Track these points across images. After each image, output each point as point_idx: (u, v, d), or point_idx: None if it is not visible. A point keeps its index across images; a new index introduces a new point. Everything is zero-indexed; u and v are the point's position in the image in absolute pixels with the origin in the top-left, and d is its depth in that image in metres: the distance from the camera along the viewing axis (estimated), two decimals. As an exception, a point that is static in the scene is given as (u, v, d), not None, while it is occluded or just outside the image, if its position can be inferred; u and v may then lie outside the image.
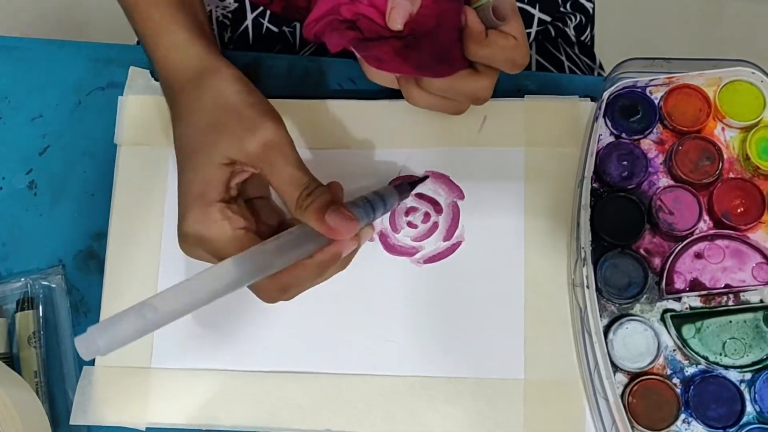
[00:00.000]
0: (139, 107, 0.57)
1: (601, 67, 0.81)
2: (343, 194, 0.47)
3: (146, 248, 0.55)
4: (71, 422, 0.52)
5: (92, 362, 0.53)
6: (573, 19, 0.77)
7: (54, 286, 0.55)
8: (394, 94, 0.55)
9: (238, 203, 0.46)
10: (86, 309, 0.55)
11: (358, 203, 0.46)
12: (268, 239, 0.43)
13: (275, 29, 0.69)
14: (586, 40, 0.80)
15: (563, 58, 0.74)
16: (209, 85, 0.48)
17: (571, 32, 0.76)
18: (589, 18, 0.80)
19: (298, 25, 0.69)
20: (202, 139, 0.46)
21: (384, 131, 0.55)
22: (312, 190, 0.44)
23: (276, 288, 0.43)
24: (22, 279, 0.55)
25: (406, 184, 0.52)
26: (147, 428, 0.52)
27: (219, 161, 0.45)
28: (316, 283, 0.46)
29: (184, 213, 0.45)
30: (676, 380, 0.49)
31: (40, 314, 0.55)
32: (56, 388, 0.54)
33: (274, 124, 0.46)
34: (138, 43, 0.78)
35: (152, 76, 0.58)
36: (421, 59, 0.46)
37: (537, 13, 0.73)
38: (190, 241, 0.45)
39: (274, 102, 0.56)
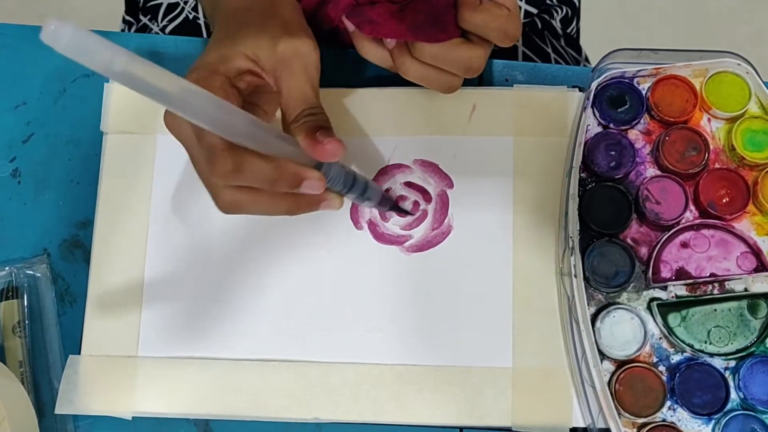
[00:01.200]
0: (126, 94, 0.56)
1: (587, 59, 0.81)
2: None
3: (133, 237, 0.54)
4: (56, 411, 0.51)
5: (78, 351, 0.53)
6: (559, 11, 0.77)
7: (39, 275, 0.55)
8: (383, 82, 0.56)
9: (240, 96, 0.45)
10: (72, 298, 0.55)
11: (344, 167, 0.46)
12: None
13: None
14: (572, 33, 0.80)
15: (549, 50, 0.74)
16: None
17: (557, 24, 0.77)
18: (575, 11, 0.81)
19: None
20: (237, 30, 0.46)
21: (373, 119, 0.55)
22: (316, 112, 0.44)
23: (232, 161, 0.40)
24: (7, 268, 0.54)
25: (392, 200, 0.52)
26: (133, 417, 0.52)
27: (243, 50, 0.45)
28: (261, 204, 0.43)
29: (188, 74, 0.44)
30: (662, 368, 0.49)
31: (25, 303, 0.54)
32: (41, 378, 0.53)
33: (312, 43, 0.46)
34: (123, 29, 0.78)
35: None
36: (416, 21, 0.46)
37: (524, 5, 0.73)
38: None
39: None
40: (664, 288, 0.50)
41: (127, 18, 0.79)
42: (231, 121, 0.38)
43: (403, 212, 0.53)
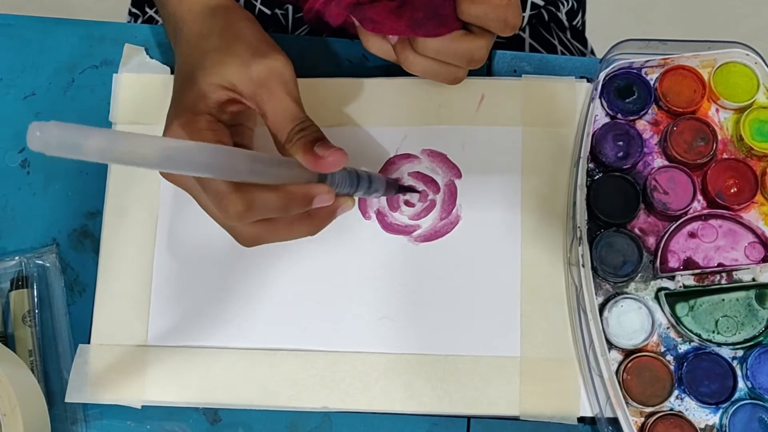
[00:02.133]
0: (135, 85, 0.56)
1: (592, 52, 0.81)
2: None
3: (141, 227, 0.55)
4: (66, 400, 0.52)
5: (88, 340, 0.53)
6: (565, 4, 0.77)
7: (48, 264, 0.55)
8: (391, 72, 0.56)
9: (226, 128, 0.45)
10: (81, 288, 0.55)
11: (346, 168, 0.46)
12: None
13: (268, 11, 0.69)
14: (578, 25, 0.80)
15: (556, 42, 0.74)
16: (224, 16, 0.48)
17: (563, 17, 0.77)
18: (581, 3, 0.81)
19: (290, 7, 0.68)
20: (207, 61, 0.46)
21: (381, 109, 0.55)
22: (306, 126, 0.44)
23: (241, 201, 0.40)
24: (16, 258, 0.55)
25: (396, 183, 0.53)
26: (143, 406, 0.52)
27: (219, 82, 0.45)
28: (280, 232, 0.44)
29: (171, 120, 0.44)
30: (669, 357, 0.49)
31: (35, 293, 0.54)
32: (51, 367, 0.54)
33: (283, 58, 0.46)
34: (129, 21, 0.78)
35: (147, 53, 0.58)
36: (414, 18, 0.46)
37: (530, -3, 0.73)
38: None
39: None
40: (672, 278, 0.50)
41: (134, 10, 0.79)
42: (228, 163, 0.38)
43: (411, 191, 0.54)
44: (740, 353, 0.49)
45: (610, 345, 0.49)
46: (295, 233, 0.45)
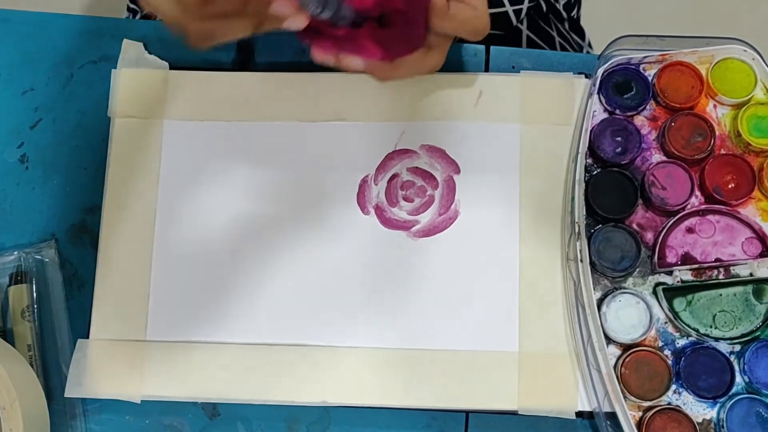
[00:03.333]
0: (133, 80, 0.56)
1: (589, 45, 0.81)
2: None
3: (140, 222, 0.55)
4: (66, 395, 0.52)
5: (87, 335, 0.53)
6: (562, -4, 0.77)
7: (47, 260, 0.55)
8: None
9: None
10: (79, 283, 0.55)
11: None
12: None
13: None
14: (575, 17, 0.80)
15: (554, 33, 0.74)
16: None
17: (560, 8, 0.77)
18: (578, -4, 0.81)
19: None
20: None
21: (380, 104, 0.55)
22: None
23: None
24: (15, 253, 0.55)
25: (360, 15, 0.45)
26: (142, 401, 0.52)
27: None
28: (231, 26, 0.44)
29: None
30: (667, 352, 0.49)
31: (34, 288, 0.54)
32: (50, 362, 0.54)
33: None
34: (128, 17, 0.78)
35: (146, 48, 0.58)
36: (390, 39, 0.45)
37: (528, -10, 0.73)
38: None
39: (269, 76, 0.56)
40: (670, 273, 0.51)
41: (132, 6, 0.79)
42: None
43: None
44: (737, 348, 0.49)
45: (608, 340, 0.49)
46: (235, 29, 0.45)
